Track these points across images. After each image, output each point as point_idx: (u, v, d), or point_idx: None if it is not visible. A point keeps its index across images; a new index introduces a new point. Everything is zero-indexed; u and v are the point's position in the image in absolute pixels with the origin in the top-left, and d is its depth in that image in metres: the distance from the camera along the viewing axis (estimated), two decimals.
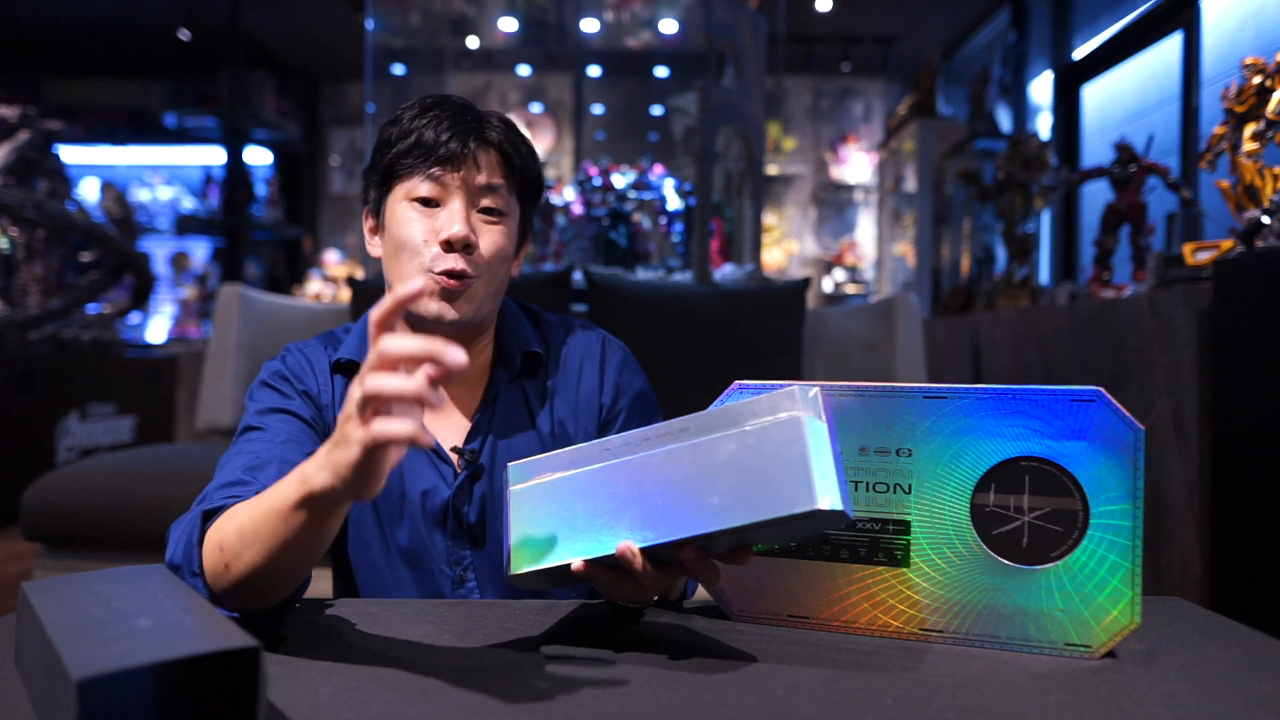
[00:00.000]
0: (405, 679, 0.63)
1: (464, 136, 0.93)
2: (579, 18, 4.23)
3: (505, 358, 1.01)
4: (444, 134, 0.92)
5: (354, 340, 1.00)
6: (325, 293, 5.15)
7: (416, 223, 0.93)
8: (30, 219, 3.53)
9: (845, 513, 0.62)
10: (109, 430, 3.95)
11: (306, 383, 0.97)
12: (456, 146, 0.92)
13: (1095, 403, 0.67)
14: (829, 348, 2.28)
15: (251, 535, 0.69)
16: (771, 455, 0.63)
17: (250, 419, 0.93)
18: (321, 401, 0.97)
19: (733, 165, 3.35)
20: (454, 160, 0.92)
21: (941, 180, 5.11)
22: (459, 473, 0.96)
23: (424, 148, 0.92)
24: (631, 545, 0.67)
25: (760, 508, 0.62)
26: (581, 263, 2.98)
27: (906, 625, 0.73)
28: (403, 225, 0.93)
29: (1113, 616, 0.67)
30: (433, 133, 0.92)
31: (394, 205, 0.95)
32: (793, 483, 0.61)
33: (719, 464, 0.65)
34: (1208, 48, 3.38)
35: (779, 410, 0.64)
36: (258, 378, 0.99)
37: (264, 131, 6.04)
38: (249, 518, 0.70)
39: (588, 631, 0.75)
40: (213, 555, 0.72)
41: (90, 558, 1.98)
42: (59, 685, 0.48)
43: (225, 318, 2.25)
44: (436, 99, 0.97)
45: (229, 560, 0.71)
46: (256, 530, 0.69)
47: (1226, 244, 1.83)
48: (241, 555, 0.70)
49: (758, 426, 0.64)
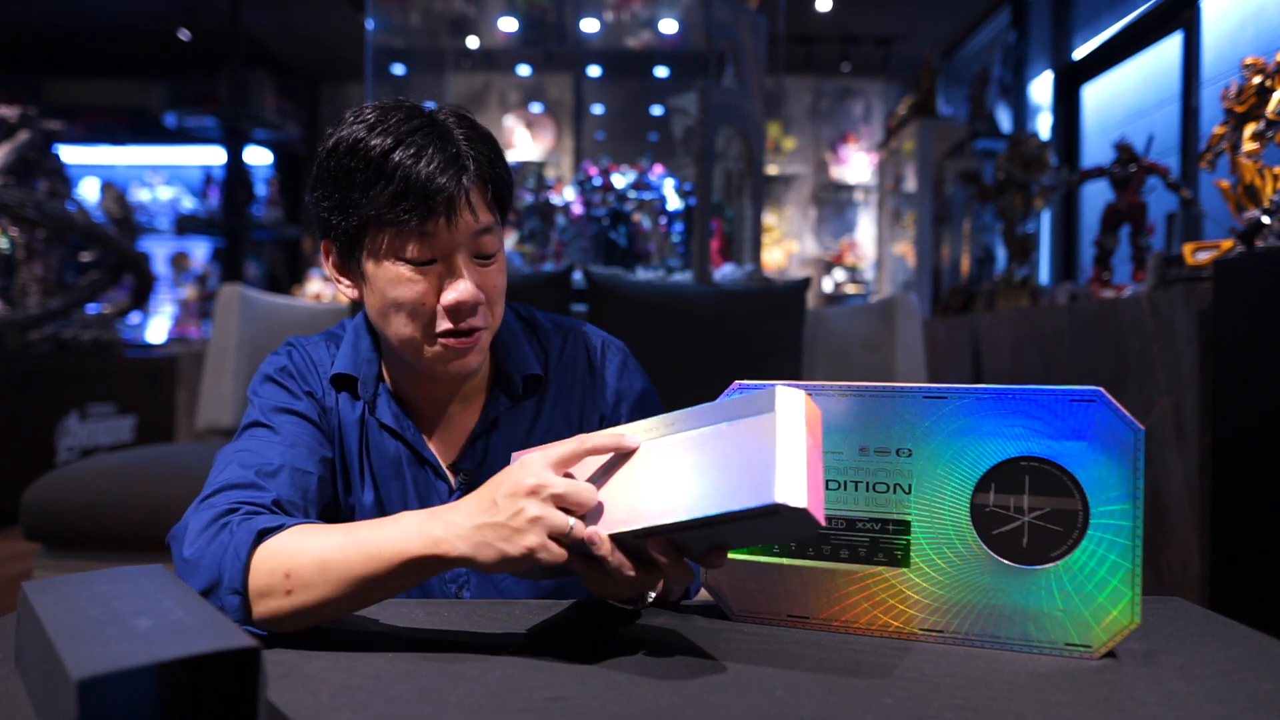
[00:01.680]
0: (405, 679, 0.63)
1: (455, 177, 0.82)
2: (579, 18, 4.23)
3: (505, 381, 0.97)
4: (435, 177, 0.81)
5: (348, 352, 0.96)
6: (325, 293, 5.14)
7: (412, 284, 0.84)
8: (30, 219, 3.53)
9: (812, 514, 0.60)
10: (109, 430, 3.95)
11: (311, 383, 0.95)
12: (451, 189, 0.81)
13: (1095, 403, 0.67)
14: (829, 348, 2.28)
15: (339, 572, 0.69)
16: (740, 451, 0.63)
17: (257, 414, 0.90)
18: (326, 404, 0.95)
19: (733, 165, 3.35)
20: (448, 210, 0.82)
21: (941, 180, 5.11)
22: (454, 490, 0.95)
23: (412, 198, 0.81)
24: (598, 531, 0.67)
25: (721, 500, 0.62)
26: (581, 263, 2.98)
27: (906, 625, 0.73)
28: (397, 287, 0.84)
29: (1113, 616, 0.67)
30: (421, 174, 0.81)
31: (376, 258, 0.85)
32: (754, 477, 0.61)
33: (691, 459, 0.66)
34: (1208, 48, 3.38)
35: (758, 409, 0.64)
36: (261, 370, 0.95)
37: (264, 131, 6.04)
38: (340, 554, 0.69)
39: (587, 631, 0.75)
40: (271, 578, 0.70)
41: (90, 558, 1.98)
42: (59, 685, 0.48)
43: (225, 318, 2.25)
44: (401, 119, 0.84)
45: (295, 588, 0.69)
46: (347, 568, 0.69)
47: (1226, 244, 1.83)
48: (315, 588, 0.69)
49: (733, 424, 0.65)
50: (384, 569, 0.68)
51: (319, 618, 0.71)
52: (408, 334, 0.87)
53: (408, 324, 0.86)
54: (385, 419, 0.95)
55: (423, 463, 0.95)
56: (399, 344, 0.89)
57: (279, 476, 0.83)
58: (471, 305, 0.85)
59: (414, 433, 0.95)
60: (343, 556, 0.69)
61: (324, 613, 0.70)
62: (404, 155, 0.82)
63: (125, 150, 6.93)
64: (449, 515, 0.68)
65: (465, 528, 0.66)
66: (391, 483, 0.95)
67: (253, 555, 0.72)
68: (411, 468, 0.95)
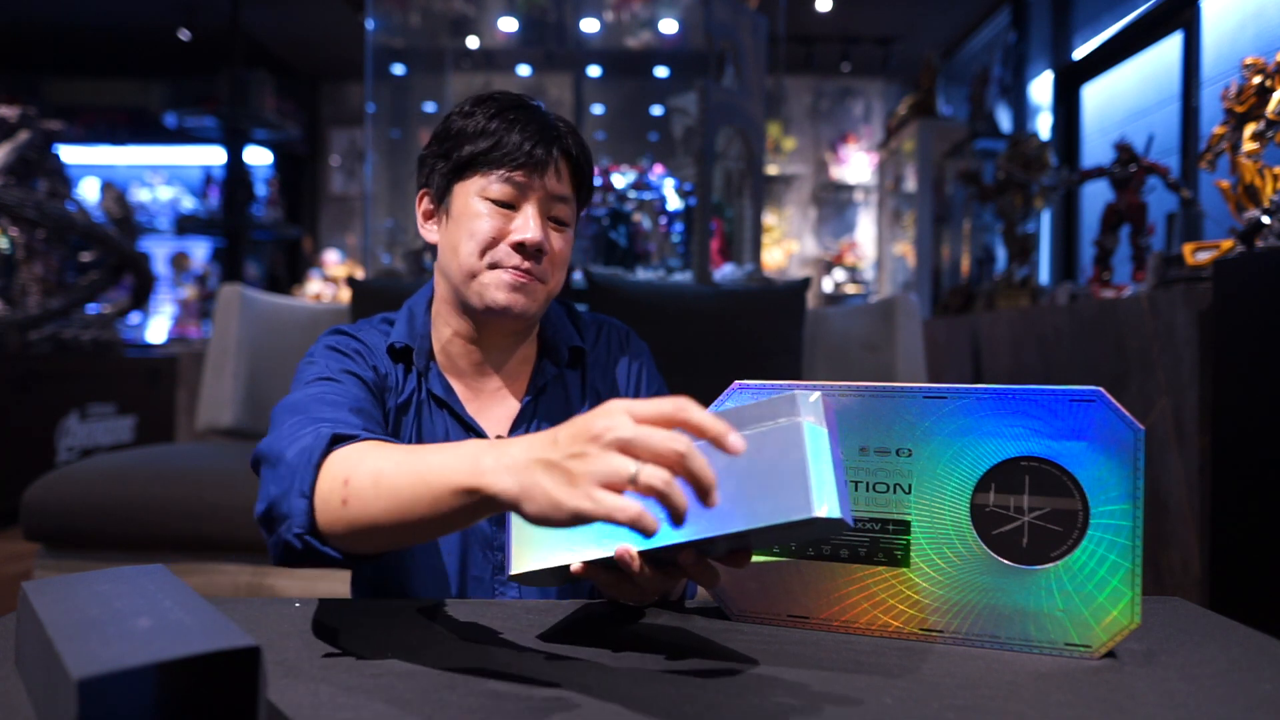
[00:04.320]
0: (405, 679, 0.63)
1: (547, 144, 0.94)
2: (579, 18, 4.23)
3: (552, 350, 1.04)
4: (528, 140, 0.93)
5: (403, 328, 1.01)
6: (325, 293, 5.15)
7: (489, 219, 0.93)
8: (30, 219, 3.53)
9: (844, 520, 0.61)
10: (109, 430, 3.95)
11: (373, 360, 0.98)
12: (541, 154, 0.93)
13: (1095, 403, 0.67)
14: (829, 348, 2.28)
15: (389, 489, 0.65)
16: (770, 461, 0.62)
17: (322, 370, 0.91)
18: (387, 384, 0.98)
19: (733, 165, 3.35)
20: (535, 166, 0.93)
21: (941, 180, 5.11)
22: None
23: (506, 149, 0.93)
24: (630, 548, 0.67)
25: (758, 514, 0.62)
26: (581, 263, 2.98)
27: (906, 625, 0.73)
28: (475, 220, 0.94)
29: (1113, 616, 0.67)
30: (517, 136, 0.93)
31: (465, 197, 0.95)
32: (791, 490, 0.61)
33: (719, 469, 0.65)
34: (1208, 48, 3.38)
35: (780, 415, 0.64)
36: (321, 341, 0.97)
37: (264, 131, 6.05)
38: (394, 470, 0.66)
39: (588, 631, 0.75)
40: (333, 484, 0.69)
41: (90, 558, 1.98)
42: (59, 685, 0.48)
43: (225, 318, 2.25)
44: (512, 99, 0.97)
45: (349, 498, 0.68)
46: (396, 487, 0.65)
47: (1226, 244, 1.83)
48: (368, 502, 0.67)
49: (758, 432, 0.64)
50: (430, 494, 0.63)
51: (375, 541, 0.68)
52: (472, 263, 0.94)
53: (474, 253, 0.94)
54: (437, 390, 0.99)
55: (470, 432, 0.98)
56: (461, 276, 0.95)
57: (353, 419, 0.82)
58: (535, 245, 0.93)
59: (461, 406, 0.99)
60: (396, 473, 0.66)
61: (378, 535, 0.67)
62: (506, 121, 0.94)
63: (125, 150, 6.93)
64: (507, 447, 0.60)
65: (518, 461, 0.58)
66: None
67: (324, 460, 0.72)
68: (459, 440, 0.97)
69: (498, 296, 0.94)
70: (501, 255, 0.94)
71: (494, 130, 0.94)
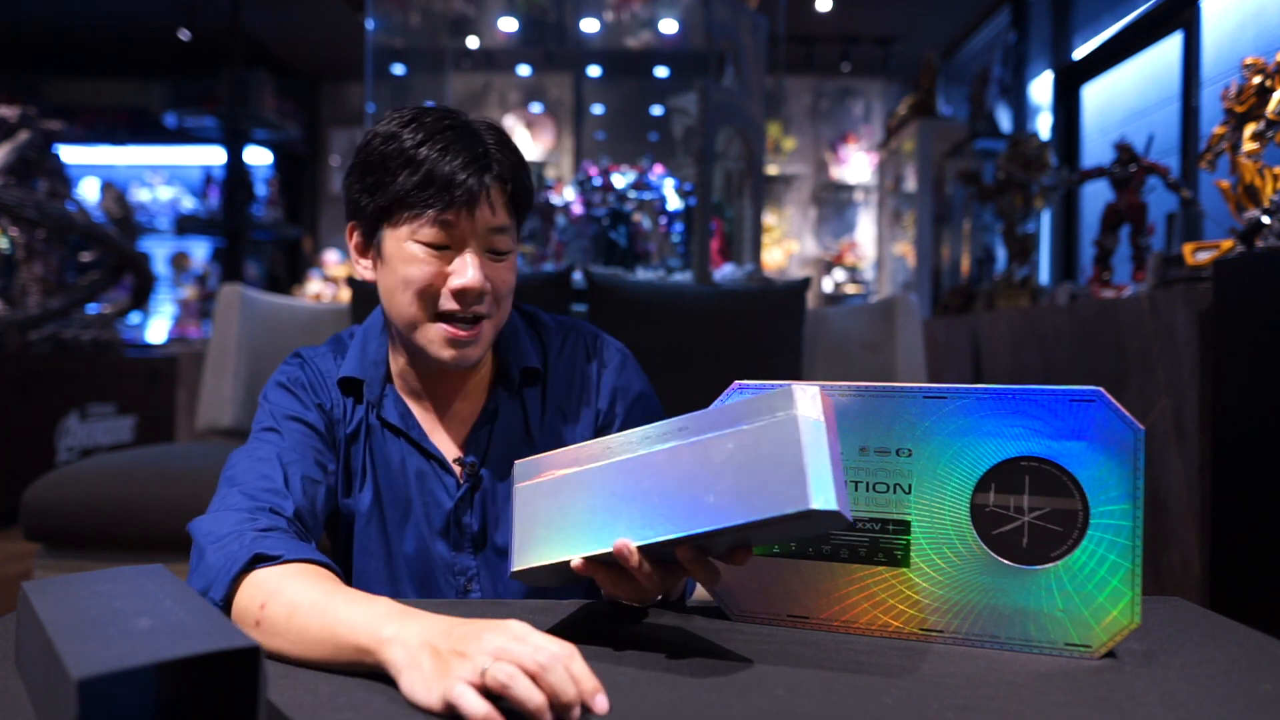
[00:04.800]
0: None
1: (479, 172, 0.88)
2: (579, 18, 4.23)
3: (504, 375, 1.01)
4: (458, 172, 0.87)
5: (355, 356, 1.00)
6: (325, 293, 5.15)
7: (425, 264, 0.89)
8: (30, 219, 3.52)
9: (842, 514, 0.61)
10: (109, 430, 3.95)
11: (320, 395, 0.98)
12: (474, 184, 0.87)
13: (1095, 403, 0.67)
14: (829, 348, 2.28)
15: (299, 628, 0.67)
16: (767, 455, 0.63)
17: (269, 420, 0.94)
18: (334, 416, 0.98)
19: (733, 165, 3.35)
20: (468, 203, 0.87)
21: (941, 180, 5.10)
22: (461, 484, 0.97)
23: (435, 186, 0.87)
24: (629, 543, 0.67)
25: (754, 508, 0.62)
26: (581, 263, 2.98)
27: (906, 625, 0.73)
28: (410, 266, 0.89)
29: (1113, 616, 0.67)
30: (446, 168, 0.87)
31: (398, 240, 0.90)
32: (787, 483, 0.61)
33: (716, 463, 0.65)
34: (1208, 48, 3.38)
35: (776, 410, 0.64)
36: (274, 379, 0.99)
37: (264, 131, 6.04)
38: (308, 611, 0.67)
39: (588, 631, 0.75)
40: (249, 603, 0.71)
41: (90, 558, 1.98)
42: (59, 685, 0.48)
43: (225, 318, 2.25)
44: (437, 118, 0.91)
45: (263, 621, 0.69)
46: (305, 627, 0.67)
47: (1226, 244, 1.83)
48: (279, 632, 0.68)
49: (755, 426, 0.64)
50: (333, 643, 0.65)
51: (281, 657, 0.69)
52: (412, 313, 0.91)
53: (414, 302, 0.90)
54: (391, 418, 0.98)
55: (428, 457, 0.98)
56: (403, 325, 0.92)
57: (293, 485, 0.86)
58: (477, 292, 0.89)
59: (419, 430, 0.98)
60: (309, 614, 0.67)
61: (285, 657, 0.69)
62: (433, 149, 0.88)
63: (125, 150, 6.92)
64: (411, 621, 0.62)
65: (411, 640, 0.60)
66: (396, 482, 0.97)
67: (242, 577, 0.73)
68: (416, 465, 0.97)
69: (441, 354, 0.91)
70: (442, 302, 0.90)
71: (421, 160, 0.87)
